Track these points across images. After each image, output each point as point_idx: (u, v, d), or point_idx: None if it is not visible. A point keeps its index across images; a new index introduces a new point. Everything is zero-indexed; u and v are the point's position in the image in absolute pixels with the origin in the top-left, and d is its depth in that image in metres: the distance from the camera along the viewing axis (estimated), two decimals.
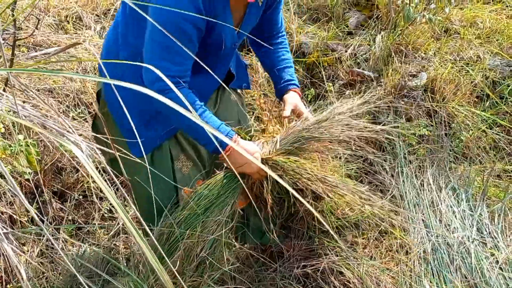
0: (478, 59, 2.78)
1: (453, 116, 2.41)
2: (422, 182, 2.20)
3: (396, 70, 2.60)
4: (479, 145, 2.36)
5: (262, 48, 1.75)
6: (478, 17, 3.17)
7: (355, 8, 3.30)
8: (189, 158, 1.64)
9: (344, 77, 2.80)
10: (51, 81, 2.55)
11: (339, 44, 2.97)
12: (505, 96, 2.56)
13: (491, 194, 2.16)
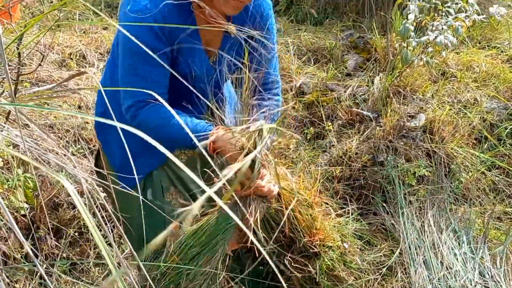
0: (476, 102, 2.82)
1: (452, 157, 2.41)
2: (422, 223, 2.18)
3: (394, 111, 2.62)
4: (479, 186, 2.35)
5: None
6: (474, 61, 3.24)
7: (353, 50, 3.38)
8: (181, 192, 1.63)
9: (343, 116, 2.82)
10: (51, 117, 2.56)
11: (338, 84, 3.02)
12: (503, 138, 2.58)
13: (492, 236, 2.14)
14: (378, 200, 2.35)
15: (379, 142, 2.48)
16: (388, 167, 2.38)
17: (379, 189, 2.39)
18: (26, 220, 2.04)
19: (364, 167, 2.47)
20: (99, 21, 3.78)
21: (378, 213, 2.32)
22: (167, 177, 1.61)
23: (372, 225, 2.31)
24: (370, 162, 2.46)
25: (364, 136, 2.60)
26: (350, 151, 2.55)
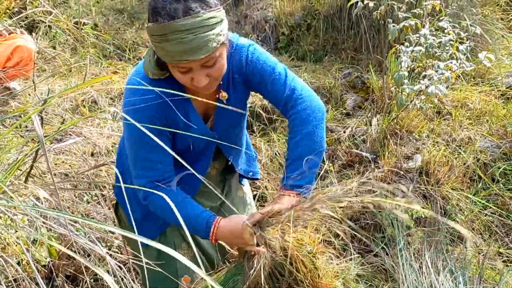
0: (470, 141, 2.95)
1: (448, 199, 2.53)
2: (420, 264, 2.29)
3: (392, 152, 2.75)
4: (474, 227, 2.47)
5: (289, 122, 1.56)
6: (468, 98, 3.38)
7: (352, 90, 3.53)
8: (191, 248, 1.74)
9: (343, 157, 2.96)
10: (66, 166, 2.70)
11: (337, 125, 3.16)
12: (496, 178, 2.70)
13: (487, 276, 2.24)
14: (378, 242, 2.46)
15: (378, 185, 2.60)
16: (387, 209, 2.50)
17: (378, 230, 2.51)
18: (46, 270, 2.17)
19: (364, 209, 2.58)
20: (108, 63, 3.95)
21: (378, 254, 2.43)
22: (179, 233, 1.74)
23: (373, 266, 2.42)
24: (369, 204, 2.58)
25: (363, 178, 2.72)
26: (350, 193, 2.67)
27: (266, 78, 1.50)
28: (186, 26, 1.22)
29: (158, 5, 1.24)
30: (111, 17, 4.57)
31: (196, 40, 1.24)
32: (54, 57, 3.85)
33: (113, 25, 4.47)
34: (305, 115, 1.48)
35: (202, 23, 1.24)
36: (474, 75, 3.74)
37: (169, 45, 1.24)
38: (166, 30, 1.23)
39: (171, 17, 1.22)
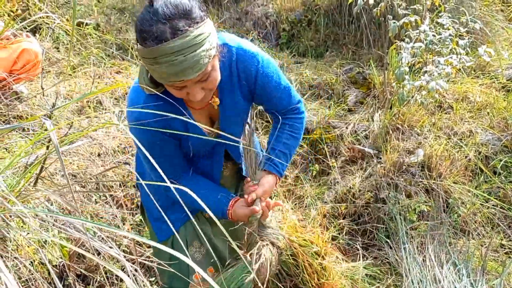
0: (471, 134, 2.98)
1: (450, 192, 2.57)
2: (424, 258, 2.33)
3: (394, 148, 2.79)
4: (476, 220, 2.51)
5: (274, 118, 1.75)
6: (469, 91, 3.41)
7: (353, 85, 3.56)
8: (203, 245, 1.80)
9: (346, 153, 3.00)
10: (74, 166, 2.75)
11: (340, 121, 3.19)
12: (498, 170, 2.73)
13: (490, 268, 2.28)
14: (382, 236, 2.50)
15: (380, 180, 2.64)
16: (390, 203, 2.55)
17: (382, 225, 2.55)
18: (57, 270, 2.22)
19: (367, 204, 2.63)
20: (112, 64, 3.99)
21: (382, 248, 2.48)
22: (192, 231, 1.79)
23: (377, 259, 2.46)
24: (373, 199, 2.62)
25: (366, 173, 2.76)
26: (353, 188, 2.72)
27: (273, 91, 1.59)
28: (175, 48, 1.20)
29: (144, 27, 1.21)
30: (113, 16, 4.60)
31: (187, 61, 1.22)
32: (59, 60, 3.88)
33: (115, 25, 4.49)
34: (300, 127, 1.74)
35: (191, 42, 1.21)
36: (474, 68, 3.76)
37: (160, 67, 1.22)
38: (155, 54, 1.20)
39: (159, 40, 1.19)
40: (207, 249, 1.79)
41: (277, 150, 1.70)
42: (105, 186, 2.71)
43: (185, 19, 1.22)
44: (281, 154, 1.69)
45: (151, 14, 1.21)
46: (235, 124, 1.65)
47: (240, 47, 1.50)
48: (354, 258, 2.39)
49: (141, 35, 1.22)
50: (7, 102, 2.72)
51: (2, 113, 2.97)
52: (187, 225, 1.79)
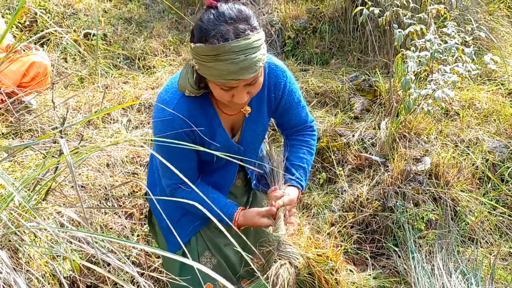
0: (478, 141, 2.98)
1: (457, 200, 2.57)
2: (432, 267, 2.33)
3: (401, 156, 2.80)
4: (484, 228, 2.50)
5: (289, 138, 1.83)
6: (475, 98, 3.41)
7: (359, 93, 3.57)
8: (214, 256, 1.82)
9: (353, 161, 3.00)
10: (84, 177, 2.78)
11: (346, 129, 3.21)
12: (505, 178, 2.73)
13: (498, 277, 2.28)
14: (390, 245, 2.51)
15: (388, 188, 2.65)
16: (398, 212, 2.55)
17: (390, 233, 2.56)
18: (67, 281, 2.24)
19: (375, 212, 2.64)
20: (119, 74, 4.02)
21: (390, 257, 2.48)
22: (203, 242, 1.81)
23: (386, 268, 2.47)
24: (380, 208, 2.63)
25: (374, 181, 2.77)
26: (361, 197, 2.72)
27: (294, 108, 1.70)
28: (239, 47, 1.31)
29: (208, 27, 1.32)
30: (120, 26, 4.65)
31: (246, 60, 1.33)
32: (68, 73, 3.93)
33: (122, 35, 4.54)
34: (314, 144, 1.83)
35: (251, 45, 1.33)
36: (480, 75, 3.77)
37: (221, 64, 1.32)
38: (219, 51, 1.31)
39: (224, 38, 1.30)
40: (218, 260, 1.81)
41: (296, 165, 1.75)
42: (114, 197, 2.74)
43: (247, 23, 1.34)
44: (301, 169, 1.76)
45: (216, 16, 1.34)
46: (256, 135, 1.72)
47: (272, 62, 1.60)
48: (362, 268, 2.40)
49: (204, 33, 1.33)
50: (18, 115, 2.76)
51: (11, 124, 3.01)
52: (198, 236, 1.80)
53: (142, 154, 3.04)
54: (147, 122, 3.40)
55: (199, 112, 1.56)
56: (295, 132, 1.81)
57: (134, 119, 3.38)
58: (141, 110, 3.47)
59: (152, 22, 4.78)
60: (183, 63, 4.17)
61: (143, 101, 3.45)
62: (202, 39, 1.33)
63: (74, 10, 4.66)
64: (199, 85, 1.48)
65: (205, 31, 1.33)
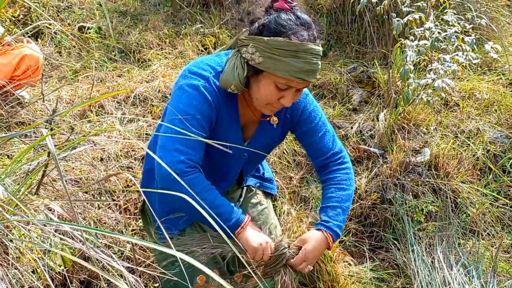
0: (478, 132, 2.93)
1: (458, 192, 2.52)
2: (433, 259, 2.28)
3: (400, 147, 2.74)
4: (485, 220, 2.46)
5: (320, 177, 1.75)
6: (476, 88, 3.35)
7: (357, 85, 3.52)
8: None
9: (352, 153, 2.95)
10: (77, 171, 2.73)
11: (345, 121, 3.15)
12: (507, 169, 2.68)
13: (500, 269, 2.23)
14: (389, 237, 2.46)
15: (387, 180, 2.60)
16: (397, 204, 2.50)
17: (389, 226, 2.51)
18: (60, 277, 2.20)
19: (374, 205, 2.59)
20: (113, 67, 3.97)
21: (389, 250, 2.43)
22: (197, 233, 1.76)
23: (385, 261, 2.42)
24: (379, 200, 2.58)
25: (372, 173, 2.72)
26: (360, 189, 2.67)
27: (316, 130, 1.66)
28: (316, 50, 1.41)
29: (288, 24, 1.40)
30: (115, 19, 4.58)
31: (317, 64, 1.42)
32: (60, 65, 3.87)
33: (117, 28, 4.48)
34: (347, 178, 1.68)
35: (321, 53, 1.44)
36: (480, 65, 3.71)
37: (297, 61, 1.38)
38: (299, 48, 1.38)
39: (305, 39, 1.39)
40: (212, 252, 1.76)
41: (324, 207, 1.64)
42: (108, 192, 2.69)
43: (317, 32, 1.47)
44: (328, 209, 1.62)
45: (295, 17, 1.42)
46: (262, 147, 1.69)
47: None
48: (361, 261, 2.35)
49: (284, 28, 1.40)
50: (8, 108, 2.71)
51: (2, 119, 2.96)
52: (192, 227, 1.75)
53: (137, 148, 2.99)
54: (142, 116, 3.35)
55: (225, 100, 1.55)
56: (323, 165, 1.71)
57: (128, 113, 3.32)
58: (136, 104, 3.41)
59: (147, 15, 4.71)
60: (179, 56, 4.11)
61: (137, 93, 3.39)
62: (281, 34, 1.40)
63: (68, 4, 4.59)
64: (246, 84, 1.49)
65: (285, 27, 1.40)
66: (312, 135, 1.67)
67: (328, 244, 1.56)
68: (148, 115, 3.38)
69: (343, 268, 1.70)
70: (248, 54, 1.44)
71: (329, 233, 1.56)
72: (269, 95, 1.48)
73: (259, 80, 1.47)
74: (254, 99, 1.53)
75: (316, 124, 1.66)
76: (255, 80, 1.48)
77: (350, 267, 1.76)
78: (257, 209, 1.86)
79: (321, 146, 1.68)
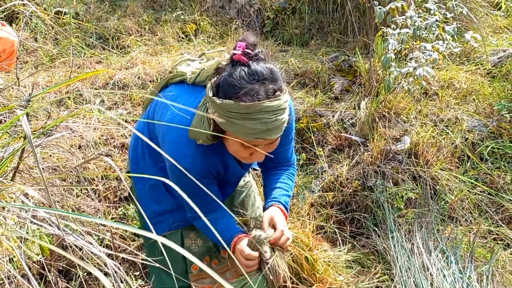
0: (457, 121, 2.97)
1: (437, 179, 2.55)
2: (412, 245, 2.32)
3: (381, 135, 2.76)
4: (463, 206, 2.50)
5: (267, 171, 1.82)
6: (455, 78, 3.39)
7: (339, 73, 3.52)
8: (199, 236, 1.76)
9: (333, 141, 2.96)
10: (54, 159, 2.66)
11: (326, 110, 3.16)
12: (484, 156, 2.73)
13: (478, 255, 2.28)
14: (370, 224, 2.48)
15: (368, 168, 2.62)
16: (377, 191, 2.52)
17: (370, 213, 2.53)
18: (38, 265, 2.15)
19: (355, 192, 2.60)
20: (92, 53, 3.88)
21: (370, 237, 2.46)
22: None
23: (365, 247, 2.44)
24: (360, 187, 2.60)
25: (353, 161, 2.73)
26: (341, 177, 2.68)
27: (286, 143, 1.69)
28: (272, 107, 1.30)
29: (239, 84, 1.31)
30: (92, 5, 4.47)
31: (277, 121, 1.32)
32: (36, 49, 3.76)
33: (95, 14, 4.37)
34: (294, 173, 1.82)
35: (282, 106, 1.33)
36: (459, 55, 3.75)
37: (252, 123, 1.30)
38: (251, 109, 1.29)
39: (257, 98, 1.29)
40: (203, 240, 1.76)
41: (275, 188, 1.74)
42: (86, 179, 2.63)
43: (276, 84, 1.33)
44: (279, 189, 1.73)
45: (248, 73, 1.32)
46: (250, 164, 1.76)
47: None
48: (342, 247, 2.37)
49: (234, 90, 1.31)
50: None
51: None
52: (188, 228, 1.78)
53: (116, 136, 2.94)
54: (121, 103, 3.29)
55: (214, 155, 1.53)
56: (274, 167, 1.79)
57: (107, 100, 3.26)
58: (115, 91, 3.35)
59: (126, 1, 4.62)
60: (159, 42, 4.05)
61: (116, 80, 3.32)
62: (232, 95, 1.31)
63: None
64: (214, 137, 1.44)
65: (236, 88, 1.31)
66: (283, 146, 1.68)
67: (286, 218, 1.68)
68: (128, 102, 3.33)
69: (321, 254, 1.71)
70: (212, 111, 1.38)
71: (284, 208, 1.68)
72: (238, 153, 1.45)
73: (226, 137, 1.43)
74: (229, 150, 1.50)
75: (289, 138, 1.70)
76: (224, 134, 1.42)
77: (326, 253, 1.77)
78: (240, 184, 1.90)
79: (282, 156, 1.74)
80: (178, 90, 1.61)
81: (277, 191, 1.71)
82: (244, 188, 1.91)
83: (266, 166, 1.80)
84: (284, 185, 1.74)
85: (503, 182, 2.58)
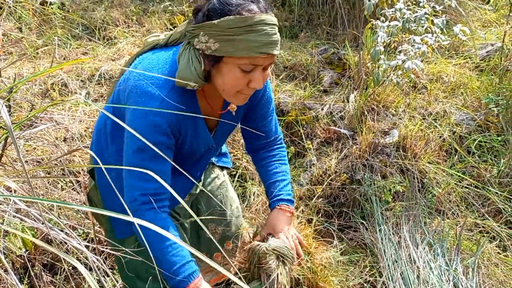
0: (445, 114, 2.98)
1: (425, 172, 2.56)
2: (399, 238, 2.32)
3: (369, 128, 2.76)
4: (450, 199, 2.51)
5: (257, 156, 1.79)
6: (443, 71, 3.40)
7: (328, 66, 3.50)
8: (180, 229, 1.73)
9: (322, 135, 2.95)
10: (38, 152, 2.62)
11: (315, 103, 3.14)
12: (472, 150, 2.74)
13: (464, 247, 2.29)
14: (358, 217, 2.48)
15: (356, 161, 2.61)
16: (365, 185, 2.52)
17: (358, 206, 2.53)
18: (22, 260, 2.11)
19: (343, 185, 2.60)
20: (78, 45, 3.81)
21: (358, 230, 2.46)
22: None
23: (353, 241, 2.44)
24: (348, 180, 2.59)
25: (342, 154, 2.73)
26: (329, 170, 2.68)
27: (267, 116, 1.69)
28: (271, 20, 1.31)
29: (235, 2, 1.31)
30: None
31: (276, 35, 1.32)
32: (20, 39, 3.69)
33: (81, 4, 4.30)
34: (285, 155, 1.81)
35: (277, 23, 1.35)
36: (448, 48, 3.76)
37: (255, 35, 1.28)
38: (254, 20, 1.28)
39: (257, 11, 1.30)
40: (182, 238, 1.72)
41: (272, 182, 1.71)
42: (71, 172, 2.59)
43: (265, 3, 1.36)
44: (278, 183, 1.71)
45: None
46: (225, 136, 1.71)
47: None
48: (330, 241, 2.36)
49: (230, 7, 1.31)
50: None
51: None
52: None
53: None
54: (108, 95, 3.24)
55: (185, 106, 1.41)
56: (263, 146, 1.76)
57: (93, 92, 3.21)
58: (101, 83, 3.30)
59: None
60: (146, 34, 3.99)
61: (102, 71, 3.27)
62: (230, 12, 1.30)
63: None
64: (205, 76, 1.38)
65: (232, 5, 1.31)
66: (264, 118, 1.69)
67: (292, 213, 1.67)
68: None
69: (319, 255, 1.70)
70: (202, 43, 1.32)
71: (286, 204, 1.66)
72: (236, 82, 1.36)
73: (221, 69, 1.36)
74: (221, 91, 1.42)
75: (270, 109, 1.69)
76: (216, 70, 1.37)
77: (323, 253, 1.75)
78: (216, 184, 1.87)
79: (268, 129, 1.72)
80: (149, 53, 1.50)
81: (275, 185, 1.68)
82: (220, 188, 1.87)
83: (255, 146, 1.76)
84: (280, 175, 1.71)
85: (489, 176, 2.60)
